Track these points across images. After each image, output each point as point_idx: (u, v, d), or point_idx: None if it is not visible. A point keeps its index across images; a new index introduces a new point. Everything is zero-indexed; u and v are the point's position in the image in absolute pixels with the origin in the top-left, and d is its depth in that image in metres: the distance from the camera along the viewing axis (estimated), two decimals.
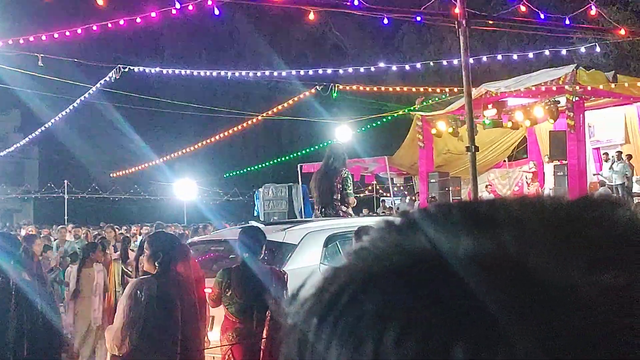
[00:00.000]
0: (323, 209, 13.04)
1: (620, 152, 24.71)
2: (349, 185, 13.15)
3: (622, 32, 17.82)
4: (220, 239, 10.51)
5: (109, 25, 12.72)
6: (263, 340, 6.88)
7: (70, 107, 26.30)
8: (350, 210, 13.02)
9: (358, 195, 36.92)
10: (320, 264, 8.97)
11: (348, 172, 13.38)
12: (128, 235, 19.56)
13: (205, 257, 9.94)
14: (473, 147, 8.45)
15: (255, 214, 35.47)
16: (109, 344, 6.44)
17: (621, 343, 0.50)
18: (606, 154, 25.40)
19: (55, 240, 20.01)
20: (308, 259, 8.95)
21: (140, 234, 20.23)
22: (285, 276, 7.31)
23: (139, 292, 6.16)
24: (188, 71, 25.67)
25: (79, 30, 14.08)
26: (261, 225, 9.58)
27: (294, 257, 8.81)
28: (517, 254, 0.55)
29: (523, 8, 13.05)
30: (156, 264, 6.28)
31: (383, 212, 27.43)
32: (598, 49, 23.68)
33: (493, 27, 16.78)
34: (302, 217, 31.27)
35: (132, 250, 12.80)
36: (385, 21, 10.95)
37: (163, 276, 6.24)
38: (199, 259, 9.25)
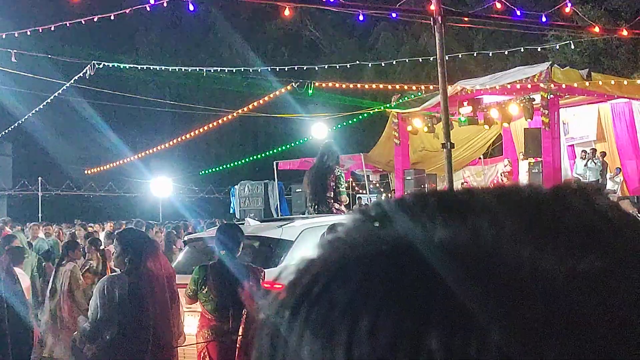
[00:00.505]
0: (316, 206, 13.27)
1: (594, 150, 24.90)
2: (342, 183, 13.43)
3: (597, 29, 17.90)
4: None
5: (83, 22, 12.62)
6: (239, 337, 6.86)
7: (44, 103, 26.09)
8: (342, 208, 13.24)
9: None
10: None
11: (341, 171, 13.67)
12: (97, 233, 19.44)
13: (203, 253, 9.83)
14: (449, 144, 8.47)
15: (231, 211, 35.48)
16: (77, 339, 6.39)
17: (591, 330, 0.50)
18: (584, 151, 25.58)
19: (27, 238, 19.83)
20: (306, 255, 8.94)
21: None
22: (262, 273, 7.31)
23: (111, 289, 6.13)
24: (163, 67, 25.53)
25: (52, 28, 13.96)
26: (257, 222, 10.34)
27: (290, 253, 8.92)
28: (491, 242, 0.55)
29: (499, 5, 13.09)
30: (126, 260, 6.26)
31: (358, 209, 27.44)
32: (573, 47, 23.84)
33: (469, 24, 16.81)
34: (278, 214, 31.35)
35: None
36: (361, 17, 10.94)
37: (134, 273, 6.21)
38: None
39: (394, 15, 13.21)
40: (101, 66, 23.25)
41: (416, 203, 0.61)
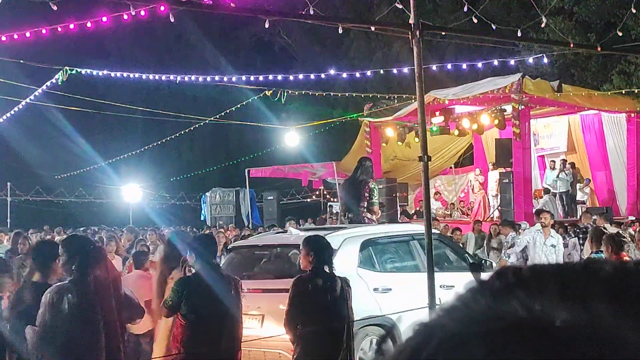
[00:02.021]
0: (348, 215, 14.12)
1: (565, 161, 25.16)
2: (375, 195, 14.37)
3: (570, 45, 18.12)
4: (262, 243, 11.39)
5: (59, 29, 12.57)
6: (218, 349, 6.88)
7: (15, 108, 25.88)
8: (374, 217, 14.02)
9: (305, 200, 37.03)
10: (358, 267, 9.95)
11: (375, 184, 14.64)
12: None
13: (249, 260, 10.84)
14: (426, 157, 8.54)
15: (202, 218, 35.46)
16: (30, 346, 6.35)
17: None
18: (553, 161, 25.83)
19: None
20: (347, 262, 9.73)
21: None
22: (240, 283, 7.36)
23: (58, 298, 6.10)
24: (136, 74, 25.42)
25: (28, 34, 13.88)
26: (298, 231, 11.07)
27: (335, 260, 8.92)
28: (612, 326, 0.57)
29: (475, 20, 13.23)
30: (73, 268, 6.22)
31: (330, 217, 27.46)
32: (546, 60, 24.07)
33: (446, 38, 16.99)
34: (249, 222, 31.28)
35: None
36: (340, 31, 11.02)
37: (81, 281, 6.18)
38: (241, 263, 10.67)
39: (372, 29, 13.31)
40: (73, 72, 23.13)
41: (534, 280, 0.63)
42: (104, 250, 7.10)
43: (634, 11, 18.68)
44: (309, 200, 36.32)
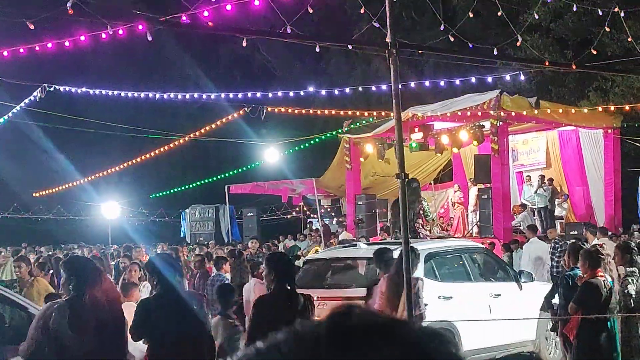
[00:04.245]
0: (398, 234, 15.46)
1: (543, 176, 25.30)
2: (428, 212, 17.19)
3: (545, 64, 18.31)
4: (334, 256, 12.66)
5: (37, 48, 12.55)
6: None
7: None
8: (428, 232, 16.63)
9: (285, 217, 36.98)
10: (424, 277, 10.62)
11: (426, 201, 17.39)
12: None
13: (322, 272, 12.09)
14: (403, 174, 8.58)
15: (182, 235, 35.35)
16: None
17: None
18: (529, 176, 25.98)
19: None
20: (414, 273, 10.20)
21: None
22: (205, 299, 7.41)
23: (49, 316, 6.18)
24: (115, 91, 25.37)
25: (5, 53, 13.85)
26: (367, 246, 12.65)
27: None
28: None
29: (452, 38, 13.32)
30: (70, 288, 6.34)
31: (309, 234, 27.49)
32: (523, 77, 24.27)
33: (423, 56, 17.14)
34: (229, 238, 31.20)
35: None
36: (318, 49, 11.06)
37: (76, 300, 6.27)
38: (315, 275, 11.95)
39: (350, 47, 13.38)
40: (52, 89, 23.08)
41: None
42: (101, 271, 7.11)
43: (608, 29, 18.89)
44: (288, 216, 36.29)
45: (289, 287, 7.28)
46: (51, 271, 13.35)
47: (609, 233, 19.56)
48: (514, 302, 12.23)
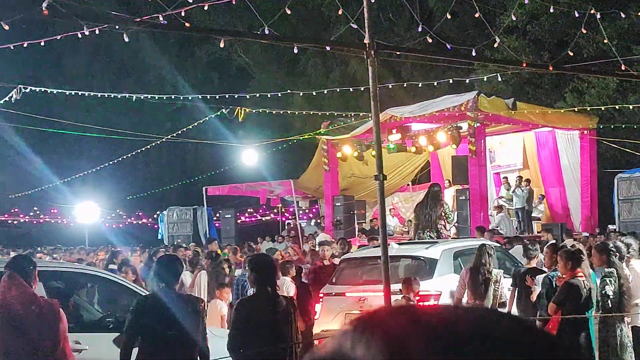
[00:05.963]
0: (427, 232, 17.59)
1: (520, 177, 25.38)
2: (449, 214, 18.53)
3: (523, 65, 18.40)
4: (367, 255, 13.42)
5: (12, 47, 12.45)
6: None
7: None
8: (450, 233, 18.22)
9: (263, 218, 36.93)
10: (452, 273, 12.04)
11: (447, 204, 18.73)
12: None
13: (356, 270, 13.03)
14: (381, 175, 8.56)
15: (159, 237, 35.15)
16: None
17: None
18: (505, 178, 26.08)
19: None
20: (446, 269, 12.19)
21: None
22: (202, 304, 7.30)
23: None
24: (92, 93, 25.20)
25: None
26: (398, 245, 13.42)
27: (437, 267, 12.12)
28: None
29: (429, 39, 13.34)
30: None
31: (288, 235, 27.45)
32: (500, 79, 24.34)
33: (401, 57, 17.16)
34: (207, 240, 31.09)
35: None
36: (295, 50, 11.03)
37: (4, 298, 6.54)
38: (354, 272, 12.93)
39: (328, 48, 13.37)
40: (27, 90, 22.87)
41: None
42: (14, 274, 7.05)
43: (584, 31, 18.98)
44: (266, 218, 36.23)
45: (270, 290, 7.22)
46: None
47: (586, 234, 19.65)
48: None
